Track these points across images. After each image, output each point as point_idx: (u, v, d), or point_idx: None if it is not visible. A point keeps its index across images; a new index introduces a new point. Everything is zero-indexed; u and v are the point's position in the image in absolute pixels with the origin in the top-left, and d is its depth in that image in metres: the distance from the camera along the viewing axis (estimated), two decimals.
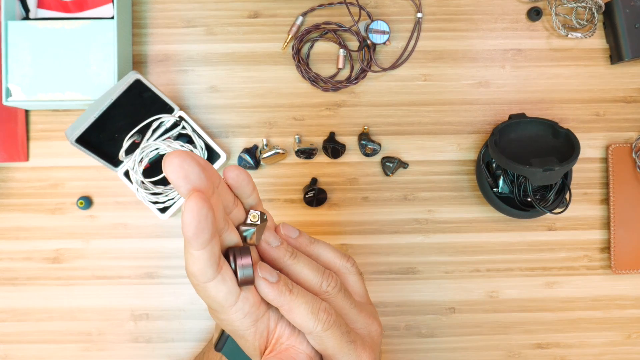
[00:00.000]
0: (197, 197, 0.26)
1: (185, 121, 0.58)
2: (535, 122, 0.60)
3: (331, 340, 0.32)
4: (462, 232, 0.63)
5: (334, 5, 0.62)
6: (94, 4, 0.60)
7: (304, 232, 0.37)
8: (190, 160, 0.27)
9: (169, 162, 0.26)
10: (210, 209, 0.27)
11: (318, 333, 0.32)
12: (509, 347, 0.63)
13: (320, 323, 0.31)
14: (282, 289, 0.31)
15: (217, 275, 0.29)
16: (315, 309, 0.32)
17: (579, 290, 0.63)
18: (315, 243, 0.37)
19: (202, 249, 0.28)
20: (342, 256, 0.37)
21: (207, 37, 0.62)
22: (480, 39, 0.63)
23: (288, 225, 0.36)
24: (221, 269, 0.30)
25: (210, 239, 0.28)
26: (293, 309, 0.31)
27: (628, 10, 0.61)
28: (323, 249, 0.37)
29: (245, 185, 0.33)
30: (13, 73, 0.57)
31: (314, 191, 0.60)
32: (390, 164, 0.61)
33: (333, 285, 0.34)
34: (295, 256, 0.34)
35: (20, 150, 0.61)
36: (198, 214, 0.26)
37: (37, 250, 0.62)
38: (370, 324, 0.36)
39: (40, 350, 0.62)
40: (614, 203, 0.62)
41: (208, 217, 0.27)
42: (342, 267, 0.37)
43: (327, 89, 0.62)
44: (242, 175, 0.33)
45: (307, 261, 0.34)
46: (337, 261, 0.37)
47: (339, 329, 0.32)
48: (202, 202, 0.26)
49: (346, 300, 0.35)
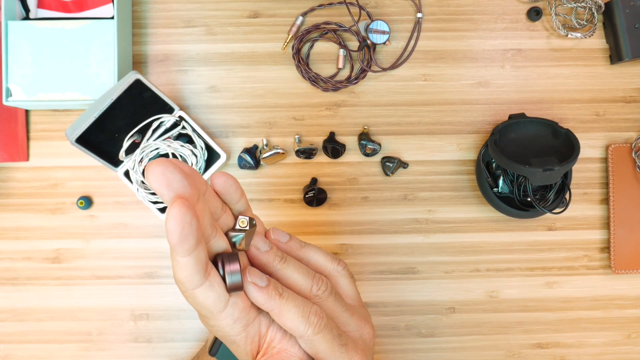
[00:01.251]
0: (180, 204, 0.26)
1: (185, 121, 0.58)
2: (535, 122, 0.60)
3: (322, 344, 0.32)
4: (462, 232, 0.63)
5: (334, 5, 0.62)
6: (94, 4, 0.60)
7: (294, 236, 0.37)
8: (173, 168, 0.27)
9: (151, 171, 0.26)
10: (194, 215, 0.26)
11: (309, 336, 0.31)
12: (509, 347, 0.63)
13: (311, 326, 0.31)
14: (272, 293, 0.31)
15: (204, 282, 0.29)
16: (306, 313, 0.32)
17: (578, 290, 0.63)
18: (306, 247, 0.37)
19: (188, 256, 0.28)
20: (333, 259, 0.37)
21: (207, 37, 0.62)
22: (480, 39, 0.63)
23: (278, 230, 0.36)
24: (209, 275, 0.29)
25: (196, 246, 0.27)
26: (283, 312, 0.31)
27: (628, 11, 0.61)
28: (314, 253, 0.37)
29: (233, 191, 0.33)
30: (13, 73, 0.57)
31: (314, 191, 0.60)
32: (390, 164, 0.61)
33: (324, 289, 0.34)
34: (284, 260, 0.34)
35: (20, 150, 0.61)
36: (182, 220, 0.26)
37: (37, 250, 0.62)
38: (362, 327, 0.36)
39: (40, 350, 0.62)
40: (614, 203, 0.62)
41: (192, 223, 0.26)
42: (333, 270, 0.37)
43: (327, 89, 0.62)
44: (230, 182, 0.33)
45: (297, 265, 0.34)
46: (328, 264, 0.37)
47: (330, 332, 0.32)
48: (185, 209, 0.26)
49: (337, 303, 0.35)
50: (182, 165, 0.28)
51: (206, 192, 0.31)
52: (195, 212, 0.27)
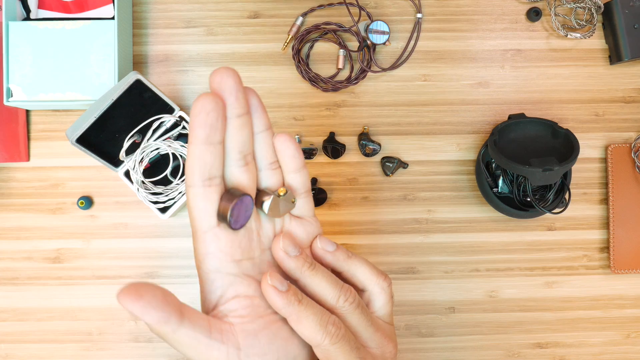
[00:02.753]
0: (214, 96, 0.27)
1: (185, 121, 0.58)
2: (535, 122, 0.60)
3: (339, 355, 0.31)
4: (462, 232, 0.63)
5: (334, 5, 0.62)
6: (94, 4, 0.60)
7: (341, 246, 0.35)
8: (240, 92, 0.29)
9: (219, 72, 0.28)
10: (223, 110, 0.28)
11: (326, 346, 0.31)
12: (509, 346, 0.63)
13: (329, 336, 0.31)
14: (292, 299, 0.30)
15: (204, 187, 0.29)
16: (324, 322, 0.31)
17: (578, 290, 0.64)
18: (353, 258, 0.35)
19: (204, 145, 0.28)
20: (380, 274, 0.35)
21: (207, 38, 0.63)
22: (479, 40, 0.63)
23: (325, 239, 0.35)
24: (211, 186, 0.29)
25: (213, 139, 0.28)
26: (301, 319, 0.30)
27: (627, 11, 0.61)
28: (360, 265, 0.35)
29: (288, 155, 0.32)
30: (14, 73, 0.57)
31: (314, 191, 0.61)
32: (390, 164, 0.61)
33: (351, 301, 0.33)
34: (313, 267, 0.33)
35: (21, 150, 0.61)
36: (214, 103, 0.27)
37: (37, 250, 0.62)
38: (385, 345, 0.34)
39: (40, 350, 0.62)
40: (613, 203, 0.62)
41: (221, 114, 0.27)
42: (376, 285, 0.35)
43: (327, 89, 0.62)
44: (288, 143, 0.32)
45: (326, 274, 0.33)
46: (373, 278, 0.35)
47: (348, 343, 0.31)
48: (218, 100, 0.27)
49: (363, 317, 0.33)
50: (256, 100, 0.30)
51: (263, 131, 0.31)
52: (223, 112, 0.28)
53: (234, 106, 0.29)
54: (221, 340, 0.29)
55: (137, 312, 0.27)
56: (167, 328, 0.28)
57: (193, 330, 0.28)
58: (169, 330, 0.28)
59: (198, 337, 0.29)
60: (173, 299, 0.28)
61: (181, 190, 0.57)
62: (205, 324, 0.29)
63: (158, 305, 0.27)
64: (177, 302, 0.28)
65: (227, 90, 0.29)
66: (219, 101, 0.28)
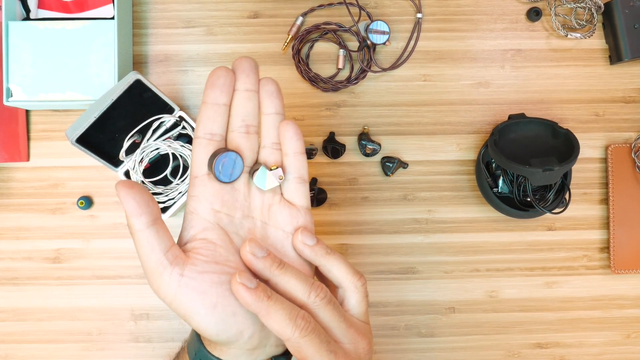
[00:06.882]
0: (226, 68, 0.34)
1: (185, 121, 0.58)
2: (535, 122, 0.60)
3: (310, 348, 0.31)
4: (462, 232, 0.63)
5: (334, 5, 0.62)
6: (94, 4, 0.60)
7: (322, 241, 0.36)
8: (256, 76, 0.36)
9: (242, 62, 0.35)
10: (232, 80, 0.34)
11: (296, 339, 0.31)
12: (509, 346, 0.63)
13: (298, 329, 0.31)
14: (261, 295, 0.31)
15: (205, 138, 0.35)
16: (294, 315, 0.31)
17: (578, 290, 0.64)
18: (331, 255, 0.36)
19: (211, 104, 0.34)
20: (355, 273, 0.36)
21: (207, 38, 0.63)
22: (479, 39, 0.63)
23: (307, 232, 0.36)
24: (211, 139, 0.35)
25: (224, 102, 0.34)
26: (271, 314, 0.31)
27: (627, 11, 0.61)
28: (337, 262, 0.36)
29: (288, 138, 0.36)
30: (14, 73, 0.57)
31: (314, 191, 0.61)
32: (390, 164, 0.61)
33: (322, 296, 0.33)
34: (282, 267, 0.34)
35: (20, 150, 0.61)
36: (225, 73, 0.34)
37: (37, 250, 0.62)
38: (358, 341, 0.35)
39: (40, 350, 0.62)
40: (614, 203, 0.62)
41: (229, 82, 0.34)
42: (351, 283, 0.36)
43: (327, 89, 0.62)
44: (291, 126, 0.36)
45: (295, 272, 0.34)
46: (348, 276, 0.36)
47: (318, 337, 0.32)
48: (230, 71, 0.34)
49: (335, 313, 0.34)
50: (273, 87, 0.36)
51: (273, 114, 0.37)
52: (232, 81, 0.34)
53: (243, 81, 0.35)
54: (171, 262, 0.32)
55: (122, 197, 0.31)
56: (137, 223, 0.31)
57: (155, 238, 0.32)
58: (137, 227, 0.32)
59: (155, 247, 0.32)
60: (155, 207, 0.32)
61: (181, 190, 0.57)
62: (168, 243, 0.33)
63: (140, 200, 0.31)
64: (156, 212, 0.33)
65: (240, 68, 0.35)
66: (230, 73, 0.34)
